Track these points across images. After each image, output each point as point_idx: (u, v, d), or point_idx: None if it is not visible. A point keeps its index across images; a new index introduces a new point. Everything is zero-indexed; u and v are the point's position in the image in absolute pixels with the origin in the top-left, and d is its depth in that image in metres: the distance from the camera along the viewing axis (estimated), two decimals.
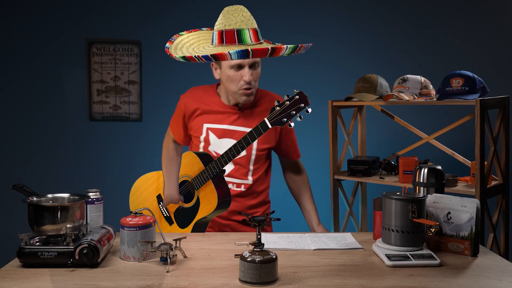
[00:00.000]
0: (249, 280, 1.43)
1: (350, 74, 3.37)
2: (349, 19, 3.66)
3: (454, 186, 2.56)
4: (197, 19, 3.68)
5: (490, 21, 3.59)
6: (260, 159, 2.22)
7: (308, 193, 2.36)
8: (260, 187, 2.25)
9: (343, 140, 3.07)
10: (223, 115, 2.20)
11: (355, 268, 1.58)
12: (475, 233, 1.67)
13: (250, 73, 2.08)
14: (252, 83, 2.11)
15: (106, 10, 3.67)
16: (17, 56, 3.67)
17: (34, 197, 1.70)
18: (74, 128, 3.70)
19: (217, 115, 2.20)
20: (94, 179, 3.63)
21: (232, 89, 2.13)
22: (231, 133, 2.18)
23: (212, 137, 2.19)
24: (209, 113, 2.21)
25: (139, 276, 1.51)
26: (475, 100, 2.41)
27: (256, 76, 2.12)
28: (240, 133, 2.15)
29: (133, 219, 1.66)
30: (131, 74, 3.69)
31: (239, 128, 2.18)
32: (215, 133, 2.19)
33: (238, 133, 2.16)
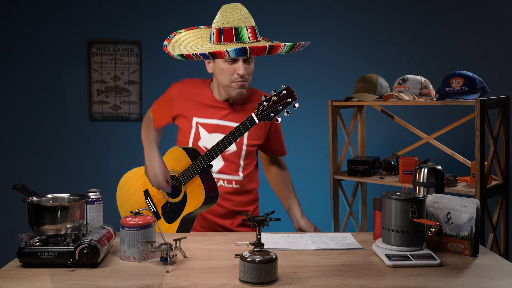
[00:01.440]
0: (249, 280, 1.43)
1: (350, 74, 3.37)
2: (349, 19, 3.66)
3: (454, 186, 2.56)
4: (197, 19, 3.66)
5: (490, 21, 3.59)
6: (251, 155, 2.22)
7: (292, 187, 2.38)
8: (250, 184, 2.25)
9: (343, 140, 3.07)
10: (214, 109, 2.19)
11: (355, 268, 1.58)
12: (475, 233, 1.67)
13: (244, 67, 2.07)
14: (246, 76, 2.10)
15: (106, 10, 3.67)
16: (17, 56, 3.67)
17: (34, 197, 1.70)
18: (74, 128, 3.70)
19: (208, 108, 2.19)
20: (94, 179, 3.62)
21: (225, 82, 2.12)
22: (221, 128, 2.17)
23: (202, 132, 2.17)
24: (199, 106, 2.19)
25: (139, 276, 1.51)
26: (475, 100, 2.41)
27: (249, 71, 2.12)
28: (231, 129, 2.14)
29: (133, 219, 1.66)
30: (131, 74, 3.69)
31: (230, 123, 2.17)
32: (206, 128, 2.18)
33: (229, 129, 2.15)
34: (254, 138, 2.22)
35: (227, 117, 2.18)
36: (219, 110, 2.19)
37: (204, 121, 2.19)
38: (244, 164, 2.21)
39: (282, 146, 2.36)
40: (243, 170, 2.21)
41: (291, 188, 2.38)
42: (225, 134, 2.12)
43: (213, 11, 1.90)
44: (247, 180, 2.23)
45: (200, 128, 2.18)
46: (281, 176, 2.39)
